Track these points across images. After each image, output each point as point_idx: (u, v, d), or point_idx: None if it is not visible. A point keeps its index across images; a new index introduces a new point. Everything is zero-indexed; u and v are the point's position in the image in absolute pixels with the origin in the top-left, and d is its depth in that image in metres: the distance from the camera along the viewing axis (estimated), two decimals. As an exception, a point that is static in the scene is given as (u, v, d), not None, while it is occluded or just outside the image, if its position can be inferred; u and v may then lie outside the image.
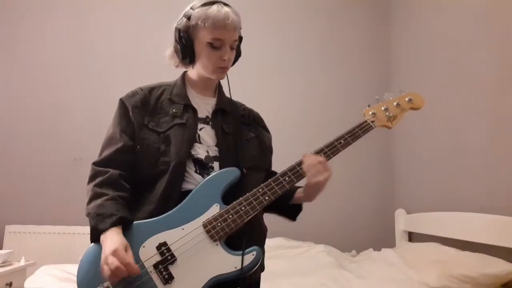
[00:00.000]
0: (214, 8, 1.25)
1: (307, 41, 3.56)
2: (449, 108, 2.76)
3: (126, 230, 1.16)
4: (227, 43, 1.27)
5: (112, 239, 1.11)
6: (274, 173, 1.32)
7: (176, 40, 1.31)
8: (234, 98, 1.43)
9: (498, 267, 2.06)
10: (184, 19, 1.29)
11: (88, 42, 3.37)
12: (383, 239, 3.21)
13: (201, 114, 1.33)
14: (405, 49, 3.39)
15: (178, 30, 1.30)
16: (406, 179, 3.32)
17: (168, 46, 1.36)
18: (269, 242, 2.86)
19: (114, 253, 1.07)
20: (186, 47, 1.29)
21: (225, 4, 1.29)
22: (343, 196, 3.37)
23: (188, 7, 1.30)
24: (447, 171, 2.77)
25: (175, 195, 1.21)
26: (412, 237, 3.14)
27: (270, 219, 1.48)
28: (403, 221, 3.17)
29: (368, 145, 3.31)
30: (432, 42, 2.99)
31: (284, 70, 3.51)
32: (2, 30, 3.32)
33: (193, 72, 1.36)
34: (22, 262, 2.48)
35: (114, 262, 1.06)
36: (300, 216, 1.44)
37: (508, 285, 2.08)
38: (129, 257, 1.09)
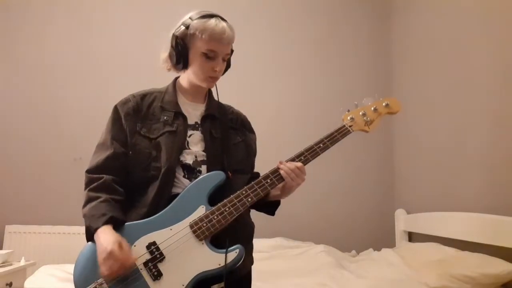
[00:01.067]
0: (212, 21, 1.33)
1: (306, 40, 3.55)
2: (449, 108, 2.76)
3: (119, 231, 1.23)
4: (220, 55, 1.34)
5: (105, 237, 1.18)
6: (258, 174, 1.41)
7: (172, 46, 1.37)
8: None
9: (498, 267, 2.06)
10: (182, 27, 1.35)
11: (88, 43, 3.38)
12: (383, 239, 3.21)
13: (191, 120, 1.39)
14: (405, 48, 3.39)
15: (175, 37, 1.36)
16: (406, 179, 3.32)
17: (163, 50, 1.42)
18: (269, 242, 2.92)
19: (111, 255, 1.15)
20: (181, 54, 1.35)
21: (222, 19, 1.36)
22: (343, 196, 3.37)
23: (187, 17, 1.37)
24: (447, 171, 2.76)
25: (165, 199, 1.29)
26: (412, 237, 3.14)
27: (271, 220, 1.50)
28: (403, 221, 3.16)
29: (368, 145, 3.32)
30: (432, 41, 2.99)
31: (283, 69, 3.50)
32: (3, 30, 3.34)
33: (184, 79, 1.42)
34: (22, 262, 2.48)
35: (113, 265, 1.15)
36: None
37: (508, 285, 2.08)
38: (124, 253, 1.17)
